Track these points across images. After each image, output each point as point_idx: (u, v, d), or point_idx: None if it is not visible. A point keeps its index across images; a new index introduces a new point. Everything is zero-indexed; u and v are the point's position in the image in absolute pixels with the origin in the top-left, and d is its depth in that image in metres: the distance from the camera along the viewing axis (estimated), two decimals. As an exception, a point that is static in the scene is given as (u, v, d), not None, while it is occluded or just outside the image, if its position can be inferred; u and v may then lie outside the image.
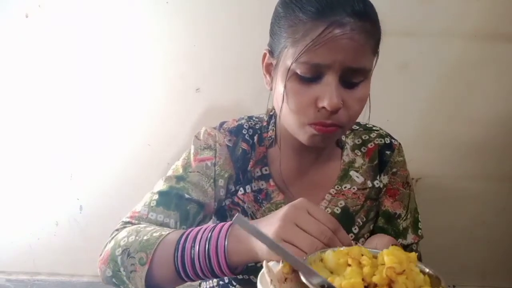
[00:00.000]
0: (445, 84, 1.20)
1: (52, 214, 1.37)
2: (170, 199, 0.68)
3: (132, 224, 0.66)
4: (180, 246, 0.55)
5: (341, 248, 0.47)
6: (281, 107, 0.62)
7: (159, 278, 0.56)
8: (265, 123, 0.76)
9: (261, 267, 0.46)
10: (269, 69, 0.67)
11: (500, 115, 1.22)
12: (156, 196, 0.69)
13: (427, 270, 0.46)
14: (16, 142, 1.31)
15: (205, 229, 0.55)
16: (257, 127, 0.76)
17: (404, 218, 0.76)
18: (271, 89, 0.67)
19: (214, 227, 0.55)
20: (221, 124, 0.77)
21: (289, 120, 0.63)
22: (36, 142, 1.31)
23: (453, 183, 1.28)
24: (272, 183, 0.73)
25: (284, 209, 0.51)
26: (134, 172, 1.30)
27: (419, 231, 0.78)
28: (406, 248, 0.76)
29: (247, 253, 0.51)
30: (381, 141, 0.77)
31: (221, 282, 0.80)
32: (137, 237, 0.59)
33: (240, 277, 0.73)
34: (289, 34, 0.59)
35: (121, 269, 0.58)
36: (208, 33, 1.19)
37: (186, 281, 0.57)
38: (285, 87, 0.60)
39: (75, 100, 1.27)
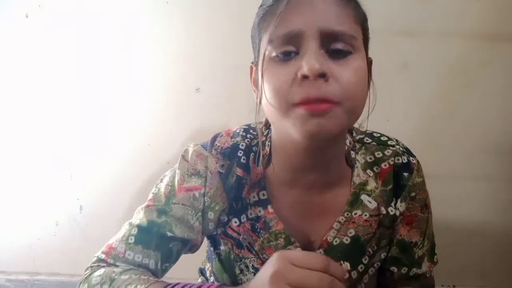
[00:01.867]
0: (445, 84, 1.20)
1: (52, 214, 1.37)
2: (150, 238, 0.60)
3: (107, 263, 0.60)
4: None
5: None
6: (263, 107, 0.55)
7: None
8: (263, 138, 0.65)
9: None
10: (256, 83, 0.59)
11: (500, 115, 1.22)
12: (134, 231, 0.61)
13: None
14: (16, 142, 1.31)
15: None
16: (253, 144, 0.64)
17: (421, 246, 0.68)
18: (260, 102, 0.57)
19: None
20: (213, 142, 0.65)
21: (274, 110, 0.53)
22: (36, 142, 1.31)
23: (453, 183, 1.28)
24: (270, 209, 0.63)
25: (268, 274, 0.44)
26: (134, 172, 1.30)
27: (435, 257, 0.71)
28: (420, 276, 0.69)
29: None
30: (397, 160, 0.65)
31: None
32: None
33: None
34: (261, 25, 0.55)
35: None
36: (208, 33, 1.19)
37: None
38: (262, 75, 0.53)
39: (75, 100, 1.27)
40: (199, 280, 0.87)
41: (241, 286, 0.50)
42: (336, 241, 0.64)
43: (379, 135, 0.69)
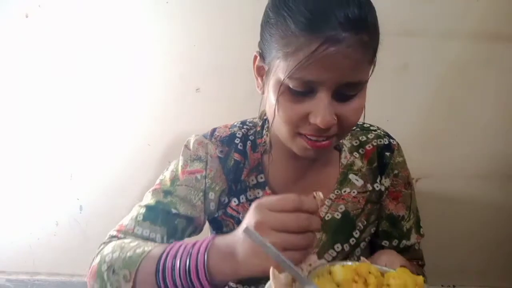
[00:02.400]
0: (445, 84, 1.20)
1: (52, 214, 1.37)
2: (156, 214, 0.67)
3: (118, 238, 0.65)
4: (161, 262, 0.53)
5: (350, 263, 0.48)
6: (273, 118, 0.60)
7: None
8: (258, 128, 0.73)
9: None
10: (260, 72, 0.63)
11: (500, 115, 1.22)
12: (143, 210, 0.68)
13: None
14: (16, 142, 1.31)
15: (186, 245, 0.54)
16: (250, 134, 0.73)
17: (407, 219, 0.76)
18: (262, 93, 0.64)
19: (195, 243, 0.54)
20: (212, 132, 0.74)
21: (281, 130, 0.61)
22: (36, 142, 1.31)
23: (453, 183, 1.28)
24: (268, 190, 0.71)
25: (252, 223, 0.48)
26: (134, 172, 1.30)
27: (421, 229, 0.79)
28: (409, 248, 0.77)
29: (228, 268, 0.50)
30: (379, 142, 0.75)
31: None
32: (121, 254, 0.58)
33: None
34: (280, 46, 0.55)
35: (108, 285, 0.57)
36: (208, 33, 1.19)
37: None
38: (277, 100, 0.57)
39: (75, 100, 1.27)
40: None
41: (233, 233, 0.52)
42: (328, 216, 0.71)
43: (361, 122, 0.76)
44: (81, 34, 1.21)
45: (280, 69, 0.56)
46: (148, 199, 0.69)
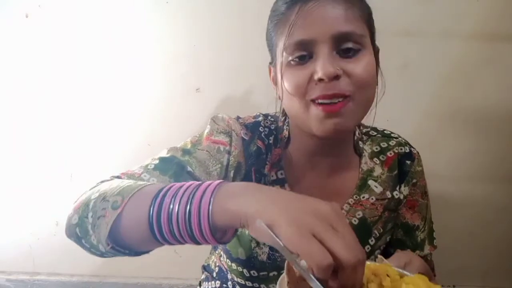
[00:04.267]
0: (445, 84, 1.20)
1: (52, 214, 1.37)
2: (169, 166, 0.61)
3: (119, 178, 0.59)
4: (159, 199, 0.44)
5: (369, 262, 0.47)
6: (284, 102, 0.62)
7: (127, 230, 0.46)
8: (280, 123, 0.72)
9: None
10: (275, 80, 0.67)
11: (500, 115, 1.22)
12: (156, 161, 0.62)
13: None
14: (16, 142, 1.31)
15: (190, 185, 0.45)
16: (272, 127, 0.72)
17: (422, 229, 0.76)
18: (280, 98, 0.65)
19: (200, 184, 0.45)
20: (237, 118, 0.73)
21: (294, 107, 0.60)
22: (36, 142, 1.31)
23: (453, 183, 1.28)
24: (287, 187, 0.69)
25: (323, 206, 0.39)
26: (134, 172, 1.30)
27: (434, 241, 0.78)
28: (422, 258, 0.73)
29: (231, 216, 0.42)
30: (401, 149, 0.75)
31: (224, 285, 0.78)
32: (120, 184, 0.50)
33: (246, 274, 0.72)
34: (276, 32, 0.61)
35: (89, 215, 0.48)
36: (208, 33, 1.19)
37: (159, 242, 0.46)
38: (282, 77, 0.60)
39: (75, 100, 1.27)
40: (203, 277, 0.87)
41: (268, 189, 0.44)
42: None
43: (382, 129, 0.78)
44: (81, 34, 1.21)
45: (279, 51, 0.60)
46: (164, 153, 0.64)
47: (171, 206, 0.43)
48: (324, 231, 0.37)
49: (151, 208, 0.44)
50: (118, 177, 0.60)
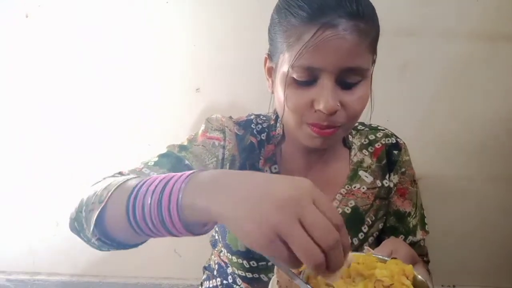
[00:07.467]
0: (445, 84, 1.20)
1: (52, 214, 1.37)
2: (168, 161, 0.67)
3: (122, 174, 0.62)
4: (136, 189, 0.45)
5: (355, 253, 0.49)
6: (283, 110, 0.63)
7: (110, 222, 0.47)
8: (272, 122, 0.77)
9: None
10: (270, 72, 0.68)
11: (500, 115, 1.22)
12: (155, 158, 0.68)
13: (420, 277, 0.48)
14: (16, 142, 1.31)
15: (165, 176, 0.45)
16: (265, 125, 0.76)
17: (414, 215, 0.79)
18: (272, 92, 0.68)
19: (174, 174, 0.45)
20: (230, 117, 0.77)
21: (289, 120, 0.64)
22: (36, 142, 1.31)
23: (453, 183, 1.28)
24: None
25: (286, 192, 0.38)
26: (134, 172, 1.30)
27: (426, 226, 0.80)
28: (415, 244, 0.78)
29: (200, 213, 0.41)
30: (388, 140, 0.79)
31: (224, 282, 0.80)
32: (112, 179, 0.52)
33: (247, 273, 0.73)
34: (283, 39, 0.60)
35: (83, 209, 0.51)
36: (208, 33, 1.19)
37: (139, 235, 0.46)
38: (284, 91, 0.61)
39: (75, 100, 1.27)
40: (204, 277, 0.88)
41: (248, 172, 0.43)
42: (338, 211, 0.73)
43: (369, 123, 0.81)
44: (81, 34, 1.21)
45: (284, 61, 0.60)
46: (163, 151, 0.70)
47: (145, 198, 0.44)
48: (289, 228, 0.36)
49: (129, 200, 0.45)
50: (120, 173, 0.63)
